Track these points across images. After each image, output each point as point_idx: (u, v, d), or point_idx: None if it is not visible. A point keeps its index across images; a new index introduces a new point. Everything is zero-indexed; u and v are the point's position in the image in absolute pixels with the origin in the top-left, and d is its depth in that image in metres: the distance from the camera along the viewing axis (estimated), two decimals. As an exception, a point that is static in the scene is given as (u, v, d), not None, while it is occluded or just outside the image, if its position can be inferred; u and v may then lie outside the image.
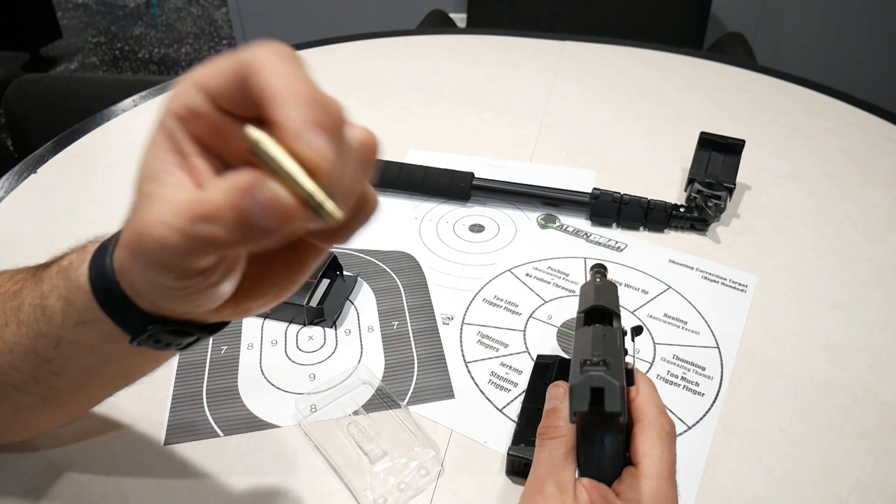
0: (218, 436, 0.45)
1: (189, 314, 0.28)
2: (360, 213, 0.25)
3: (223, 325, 0.31)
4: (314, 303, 0.53)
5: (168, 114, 0.24)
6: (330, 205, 0.21)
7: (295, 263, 0.28)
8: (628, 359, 0.37)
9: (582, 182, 0.72)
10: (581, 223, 0.66)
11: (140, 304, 0.27)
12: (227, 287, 0.26)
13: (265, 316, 0.55)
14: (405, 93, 0.91)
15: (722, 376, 0.50)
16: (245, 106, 0.23)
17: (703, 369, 0.51)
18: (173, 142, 0.24)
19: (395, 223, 0.66)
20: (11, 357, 0.32)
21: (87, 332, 0.29)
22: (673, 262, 0.61)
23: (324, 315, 0.54)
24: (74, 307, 0.29)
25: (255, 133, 0.20)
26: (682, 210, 0.65)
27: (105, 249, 0.28)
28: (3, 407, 0.35)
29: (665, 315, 0.56)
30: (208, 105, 0.23)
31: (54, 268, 0.30)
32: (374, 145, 0.24)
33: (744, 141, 0.68)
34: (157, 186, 0.23)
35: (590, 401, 0.31)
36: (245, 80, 0.22)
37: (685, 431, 0.46)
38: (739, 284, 0.59)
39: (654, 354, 0.52)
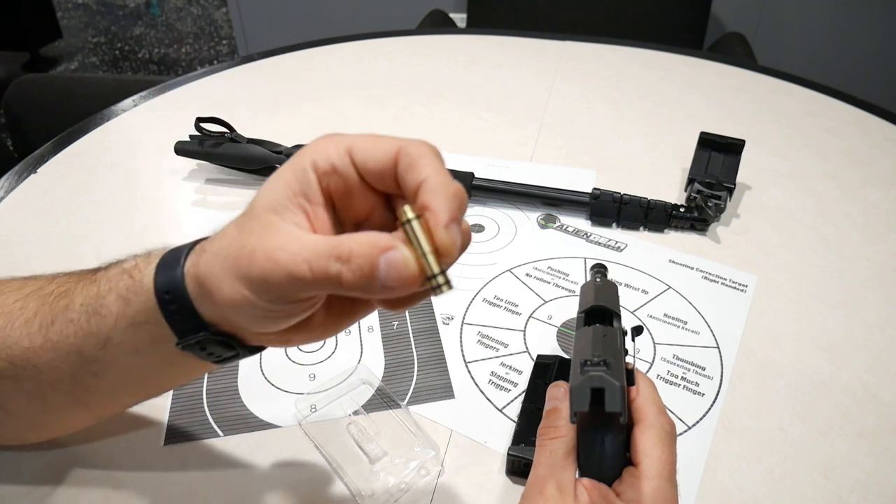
0: (218, 436, 0.45)
1: (238, 331, 0.30)
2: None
3: (261, 349, 0.33)
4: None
5: (310, 163, 0.27)
6: (444, 284, 0.25)
7: (346, 313, 0.31)
8: (628, 359, 0.37)
9: (582, 182, 0.72)
10: (581, 223, 0.66)
11: (200, 309, 0.29)
12: (302, 318, 0.29)
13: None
14: (405, 93, 0.91)
15: (722, 376, 0.50)
16: (386, 183, 0.27)
17: (703, 369, 0.51)
18: (304, 186, 0.27)
19: (395, 223, 0.66)
20: (54, 356, 0.33)
21: (137, 334, 0.31)
22: (673, 262, 0.61)
23: (324, 315, 0.54)
24: (131, 307, 0.31)
25: (409, 212, 0.25)
26: (682, 210, 0.65)
27: (177, 255, 0.30)
28: (35, 405, 0.36)
29: (665, 315, 0.56)
30: (353, 171, 0.27)
31: (114, 269, 0.32)
32: (469, 235, 0.28)
33: (744, 141, 0.68)
34: (279, 220, 0.27)
35: (590, 401, 0.31)
36: (402, 166, 0.26)
37: (685, 431, 0.46)
38: (739, 284, 0.59)
39: (654, 354, 0.52)
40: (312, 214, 0.27)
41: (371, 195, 0.29)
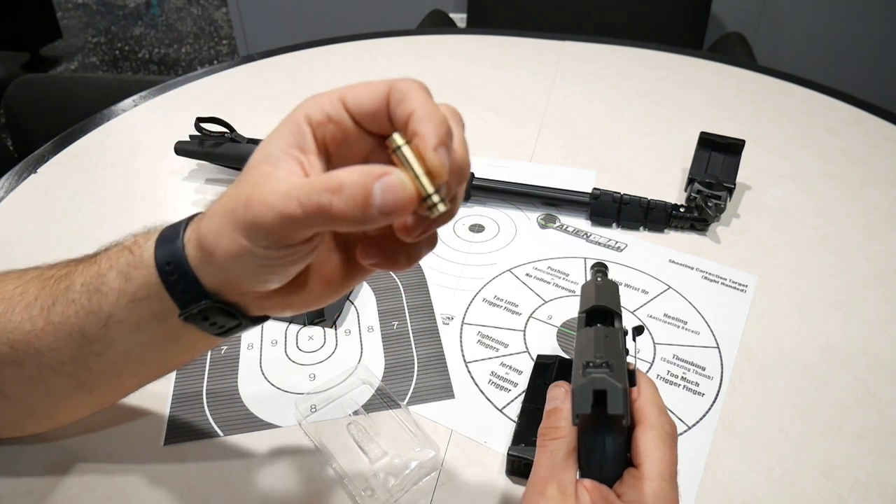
0: (218, 436, 0.45)
1: (240, 298, 0.31)
2: (428, 244, 0.30)
3: (263, 319, 0.33)
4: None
5: (303, 116, 0.28)
6: (439, 202, 0.26)
7: (346, 274, 0.32)
8: (629, 359, 0.37)
9: (582, 182, 0.72)
10: (581, 223, 0.66)
11: (201, 277, 0.30)
12: (299, 267, 0.29)
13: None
14: (405, 93, 0.91)
15: (722, 376, 0.50)
16: (380, 123, 0.28)
17: (703, 369, 0.51)
18: (298, 137, 0.28)
19: (395, 223, 0.66)
20: (55, 337, 0.33)
21: (138, 310, 0.32)
22: (673, 262, 0.61)
23: (324, 315, 0.54)
24: (132, 282, 0.31)
25: (399, 139, 0.26)
26: (682, 210, 0.65)
27: (176, 227, 0.31)
28: (36, 390, 0.36)
29: (665, 315, 0.56)
30: (347, 118, 0.28)
31: (114, 248, 0.33)
32: (467, 162, 0.29)
33: (744, 141, 0.68)
34: (273, 168, 0.27)
35: (592, 403, 0.31)
36: (393, 101, 0.27)
37: (685, 431, 0.46)
38: (739, 284, 0.59)
39: (655, 354, 0.52)
40: (307, 163, 0.28)
41: (366, 140, 0.29)
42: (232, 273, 0.29)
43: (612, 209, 0.65)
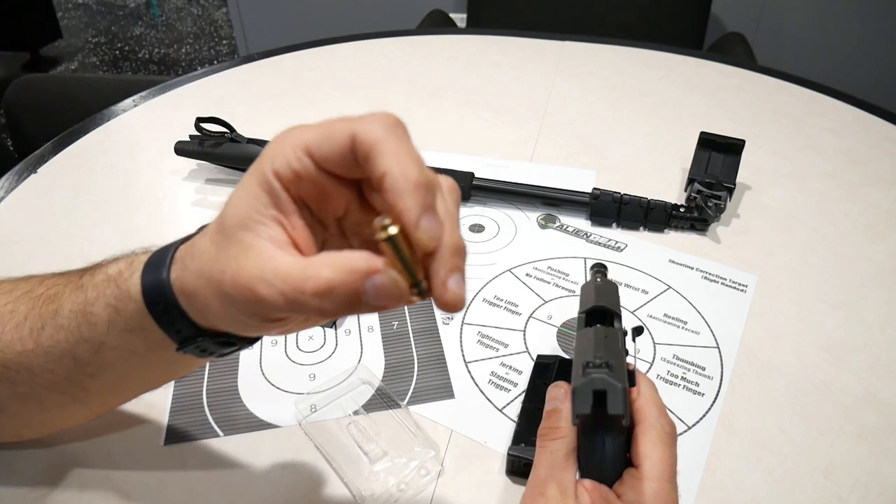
0: (218, 436, 0.45)
1: (235, 332, 0.30)
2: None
3: (259, 337, 0.33)
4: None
5: (272, 173, 0.26)
6: (426, 290, 0.24)
7: None
8: (629, 359, 0.37)
9: (582, 182, 0.72)
10: (581, 223, 0.66)
11: (195, 318, 0.29)
12: (295, 323, 0.29)
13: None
14: (405, 93, 0.91)
15: (722, 376, 0.50)
16: (351, 171, 0.26)
17: (703, 369, 0.51)
18: (274, 199, 0.26)
19: (395, 223, 0.66)
20: (47, 359, 0.33)
21: (132, 339, 0.31)
22: (673, 262, 0.61)
23: (324, 315, 0.54)
24: (122, 315, 0.30)
25: (380, 232, 0.23)
26: (682, 210, 0.65)
27: (160, 263, 0.29)
28: (31, 405, 0.36)
29: (665, 315, 0.56)
30: (314, 169, 0.26)
31: (100, 275, 0.32)
32: (460, 243, 0.26)
33: (744, 141, 0.68)
34: (255, 238, 0.25)
35: (592, 403, 0.31)
36: (360, 154, 0.25)
37: (685, 431, 0.46)
38: (739, 284, 0.59)
39: (654, 354, 0.52)
40: (288, 224, 0.26)
41: (344, 189, 0.27)
42: (221, 325, 0.29)
43: (612, 209, 0.65)
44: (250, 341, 0.32)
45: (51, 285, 0.34)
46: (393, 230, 0.23)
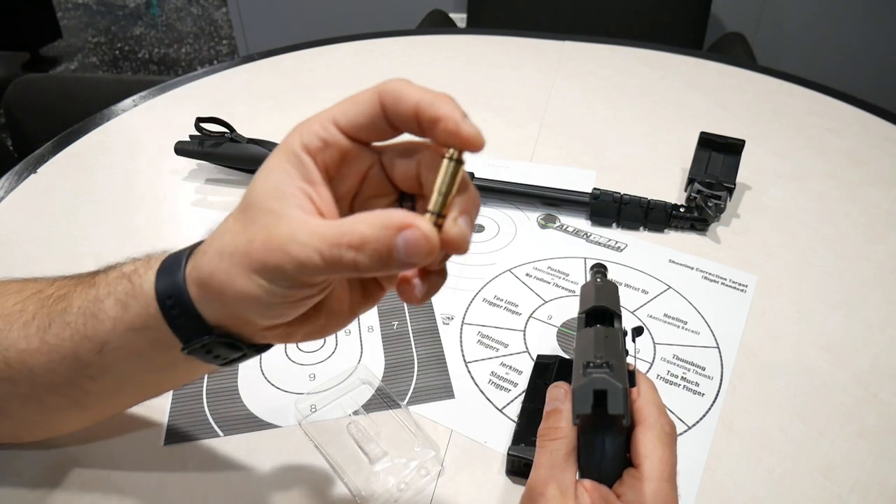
0: (218, 436, 0.45)
1: (243, 329, 0.30)
2: (439, 278, 0.30)
3: (266, 347, 0.33)
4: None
5: (299, 145, 0.27)
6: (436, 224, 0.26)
7: (354, 307, 0.32)
8: (629, 359, 0.37)
9: (582, 182, 0.72)
10: (581, 223, 0.66)
11: (203, 312, 0.29)
12: (315, 301, 0.29)
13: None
14: (405, 93, 0.91)
15: (722, 376, 0.50)
16: (379, 131, 0.27)
17: (703, 369, 0.51)
18: (301, 170, 0.27)
19: (395, 223, 0.66)
20: (48, 359, 0.33)
21: (135, 339, 0.31)
22: (673, 262, 0.61)
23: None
24: (129, 312, 0.30)
25: (455, 154, 0.26)
26: (682, 210, 0.65)
27: (178, 259, 0.30)
28: (31, 407, 0.36)
29: (665, 315, 0.56)
30: (343, 138, 0.27)
31: (113, 273, 0.32)
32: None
33: (744, 141, 0.68)
34: (284, 206, 0.26)
35: (593, 403, 0.31)
36: (390, 103, 0.26)
37: (685, 431, 0.46)
38: (739, 284, 0.59)
39: (654, 354, 0.52)
40: (316, 196, 0.27)
41: (365, 156, 0.29)
42: (243, 310, 0.29)
43: (612, 209, 0.65)
44: (257, 349, 0.32)
45: (62, 286, 0.34)
46: (455, 155, 0.26)
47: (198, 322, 0.29)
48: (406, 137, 0.29)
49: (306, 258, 0.25)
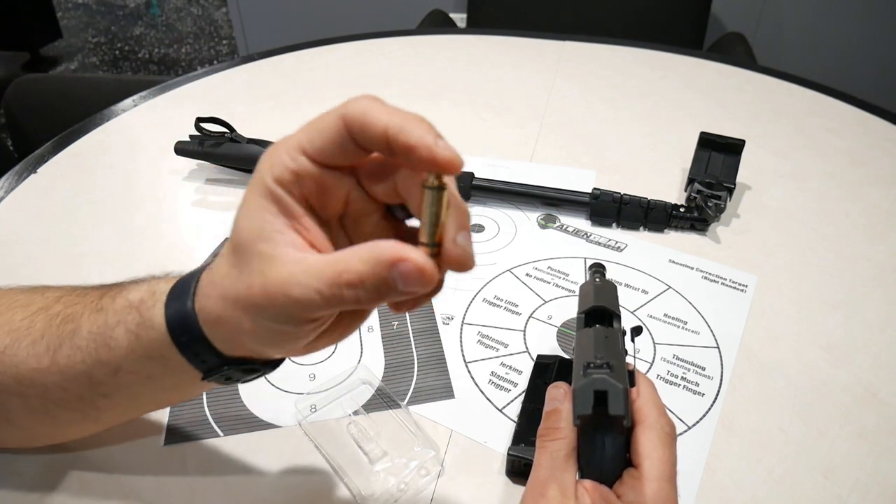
0: (218, 436, 0.45)
1: (262, 353, 0.30)
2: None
3: (281, 361, 0.33)
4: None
5: (274, 180, 0.26)
6: (433, 254, 0.25)
7: (358, 314, 0.32)
8: (628, 359, 0.37)
9: (582, 182, 0.72)
10: (581, 223, 0.66)
11: (218, 346, 0.29)
12: (319, 332, 0.29)
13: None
14: (405, 93, 0.91)
15: (722, 376, 0.50)
16: (346, 154, 0.26)
17: (703, 369, 0.51)
18: (281, 206, 0.26)
19: (395, 223, 0.66)
20: (62, 378, 0.33)
21: (151, 365, 0.31)
22: (673, 262, 0.61)
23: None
24: (143, 342, 0.30)
25: (434, 181, 0.25)
26: (682, 210, 0.65)
27: (184, 293, 0.30)
28: (41, 420, 0.36)
29: (665, 315, 0.56)
30: (313, 167, 0.26)
31: (120, 300, 0.32)
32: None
33: (744, 141, 0.68)
34: (274, 247, 0.26)
35: (593, 404, 0.31)
36: (354, 128, 0.25)
37: (685, 431, 0.46)
38: (739, 284, 0.59)
39: (654, 354, 0.52)
40: (301, 228, 0.27)
41: (341, 182, 0.28)
42: (256, 346, 0.29)
43: (612, 209, 0.65)
44: (272, 365, 0.32)
45: (68, 303, 0.34)
46: (434, 181, 0.25)
47: (214, 355, 0.30)
48: None
49: (308, 300, 0.25)
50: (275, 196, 0.26)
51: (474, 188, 0.68)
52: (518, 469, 0.42)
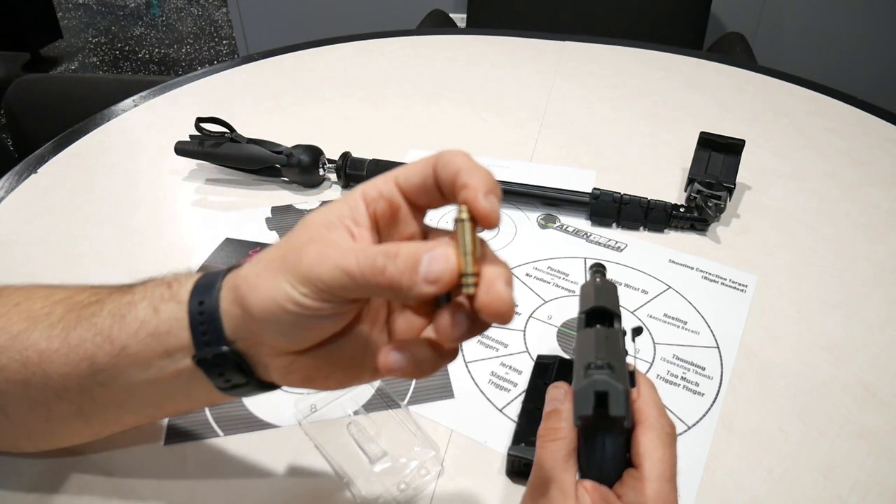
0: (218, 435, 0.45)
1: (258, 359, 0.32)
2: (451, 355, 0.33)
3: (271, 387, 0.34)
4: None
5: (360, 194, 0.30)
6: (474, 284, 0.27)
7: (358, 365, 0.32)
8: (629, 360, 0.37)
9: (582, 182, 0.72)
10: (581, 223, 0.66)
11: (227, 321, 0.31)
12: (324, 332, 0.30)
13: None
14: (405, 93, 0.91)
15: (722, 376, 0.50)
16: (428, 194, 0.30)
17: (703, 369, 0.51)
18: (353, 211, 0.30)
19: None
20: (66, 361, 0.34)
21: (153, 345, 0.32)
22: (673, 262, 0.61)
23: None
24: (158, 315, 0.32)
25: (465, 214, 0.27)
26: (682, 210, 0.65)
27: (221, 271, 0.32)
28: (38, 413, 0.36)
29: (665, 315, 0.56)
30: (397, 194, 0.30)
31: (152, 282, 0.34)
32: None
33: (744, 141, 0.68)
34: (328, 231, 0.29)
35: (594, 404, 0.31)
36: (439, 166, 0.29)
37: (685, 431, 0.46)
38: (739, 284, 0.59)
39: (654, 354, 0.52)
40: (357, 234, 0.29)
41: (412, 222, 0.31)
42: (265, 321, 0.29)
43: (612, 209, 0.65)
44: (261, 386, 0.33)
45: (95, 292, 0.35)
46: (466, 216, 0.27)
47: (217, 332, 0.31)
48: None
49: (342, 260, 0.27)
50: (353, 204, 0.30)
51: (474, 188, 0.68)
52: (518, 469, 0.42)
